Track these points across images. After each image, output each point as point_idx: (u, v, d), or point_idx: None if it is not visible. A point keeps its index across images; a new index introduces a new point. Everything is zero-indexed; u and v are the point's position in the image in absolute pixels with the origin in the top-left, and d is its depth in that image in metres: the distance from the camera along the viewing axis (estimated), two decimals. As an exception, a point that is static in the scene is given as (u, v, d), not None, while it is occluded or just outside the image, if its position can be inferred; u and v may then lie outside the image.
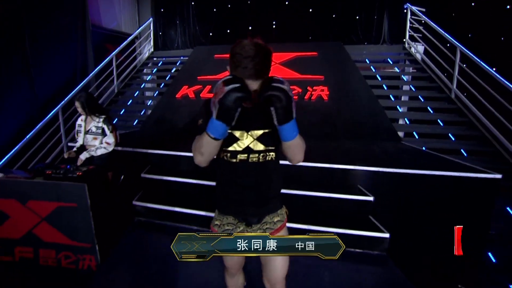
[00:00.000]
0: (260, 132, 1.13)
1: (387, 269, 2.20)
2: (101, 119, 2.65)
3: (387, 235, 2.25)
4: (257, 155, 1.15)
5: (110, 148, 2.67)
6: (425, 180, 2.47)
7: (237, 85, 0.88)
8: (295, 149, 1.05)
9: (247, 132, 1.13)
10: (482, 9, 5.80)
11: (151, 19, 7.36)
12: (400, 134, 4.35)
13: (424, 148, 3.87)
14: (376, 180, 2.59)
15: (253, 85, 0.97)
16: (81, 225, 2.15)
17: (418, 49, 5.73)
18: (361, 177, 2.67)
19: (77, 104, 2.63)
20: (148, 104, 6.22)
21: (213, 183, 1.30)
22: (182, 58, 7.01)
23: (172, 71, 6.66)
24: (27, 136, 4.32)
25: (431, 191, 2.51)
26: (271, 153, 1.17)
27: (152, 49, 7.45)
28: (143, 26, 7.11)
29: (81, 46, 5.79)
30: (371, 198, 2.45)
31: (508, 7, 5.58)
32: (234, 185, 1.21)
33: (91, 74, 5.58)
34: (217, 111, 0.91)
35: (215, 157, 1.15)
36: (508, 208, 3.32)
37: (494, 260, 2.98)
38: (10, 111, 4.46)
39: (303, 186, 2.67)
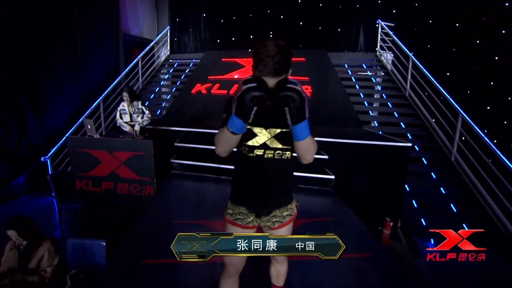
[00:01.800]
0: (278, 130, 1.18)
1: (333, 198, 3.57)
2: (139, 103, 4.04)
3: (332, 176, 3.64)
4: (272, 152, 1.19)
5: (149, 120, 4.08)
6: (360, 146, 3.85)
7: (254, 84, 0.93)
8: (306, 148, 1.08)
9: (266, 129, 1.17)
10: (438, 25, 7.16)
11: (168, 27, 8.74)
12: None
13: (380, 132, 5.23)
14: (330, 147, 3.95)
15: (272, 82, 1.01)
16: (146, 167, 3.52)
17: (387, 57, 7.10)
18: (322, 145, 4.03)
19: (125, 94, 4.00)
20: (168, 98, 7.56)
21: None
22: (194, 60, 8.38)
23: (186, 71, 8.01)
24: (79, 120, 5.62)
25: (366, 153, 3.88)
26: (287, 152, 1.21)
27: (168, 53, 8.83)
28: (162, 33, 8.48)
29: (115, 49, 7.14)
30: (326, 157, 3.83)
31: (457, 25, 6.96)
32: (248, 178, 1.28)
33: (123, 73, 6.90)
34: (235, 107, 0.96)
35: (235, 149, 1.20)
36: (432, 173, 4.70)
37: (416, 206, 4.38)
38: (67, 101, 5.80)
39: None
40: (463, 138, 4.64)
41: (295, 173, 3.69)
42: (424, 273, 3.24)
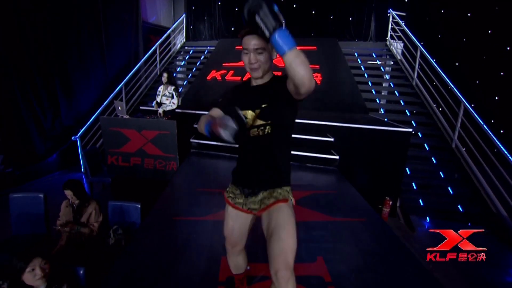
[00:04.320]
0: (259, 110, 1.23)
1: (337, 176, 3.94)
2: (172, 88, 4.44)
3: (337, 157, 4.01)
4: (256, 129, 1.24)
5: (174, 106, 4.47)
6: (364, 130, 4.17)
7: (234, 128, 1.01)
8: (295, 63, 0.94)
9: (253, 110, 1.24)
10: (449, 15, 7.22)
11: (184, 15, 9.04)
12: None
13: (386, 119, 5.50)
14: (336, 130, 4.29)
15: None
16: (170, 144, 3.96)
17: (397, 47, 7.24)
18: (329, 128, 4.37)
19: (165, 74, 4.40)
20: (184, 84, 7.95)
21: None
22: (209, 48, 8.70)
23: (201, 58, 8.36)
24: (104, 103, 6.04)
25: (369, 137, 4.20)
26: (267, 127, 1.23)
27: (184, 40, 9.17)
28: (178, 21, 8.80)
29: (135, 37, 7.54)
30: (332, 139, 4.18)
31: (469, 14, 7.01)
32: (240, 158, 1.38)
33: (142, 59, 7.31)
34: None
35: None
36: (433, 158, 4.99)
37: (415, 187, 4.71)
38: (93, 85, 6.29)
39: (296, 132, 4.42)
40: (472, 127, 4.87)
41: (303, 153, 4.09)
42: (416, 242, 3.63)
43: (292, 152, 4.30)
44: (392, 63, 7.18)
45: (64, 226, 2.62)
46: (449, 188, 4.56)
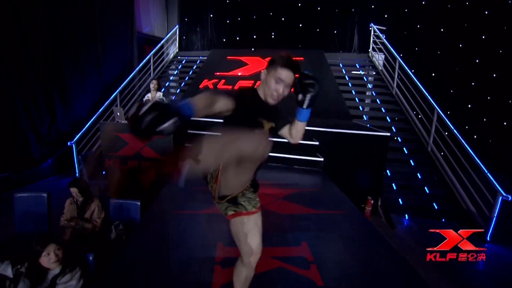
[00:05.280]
0: (271, 124, 1.38)
1: (321, 176, 4.26)
2: (161, 94, 4.72)
3: (321, 159, 4.34)
4: None
5: None
6: (346, 135, 4.54)
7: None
8: (301, 130, 1.36)
9: (268, 121, 1.37)
10: (426, 29, 7.82)
11: (177, 26, 9.39)
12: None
13: (368, 125, 5.90)
14: (322, 135, 4.64)
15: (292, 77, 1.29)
16: (166, 148, 4.20)
17: (378, 58, 7.76)
18: (315, 133, 4.71)
19: (154, 81, 4.68)
20: (177, 92, 8.21)
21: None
22: (201, 58, 9.03)
23: (194, 68, 8.68)
24: (100, 110, 6.25)
25: (351, 141, 4.56)
26: None
27: (177, 50, 9.48)
28: (171, 31, 9.13)
29: (130, 47, 7.80)
30: (317, 143, 4.52)
31: (442, 30, 7.61)
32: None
33: (137, 68, 7.55)
34: None
35: None
36: (411, 160, 5.38)
37: (395, 188, 5.07)
38: (88, 93, 6.48)
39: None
40: (446, 132, 5.31)
41: (291, 156, 4.40)
42: (396, 237, 3.96)
43: (280, 155, 4.69)
44: (374, 73, 7.67)
45: (69, 221, 2.83)
46: (425, 188, 4.95)
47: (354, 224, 2.73)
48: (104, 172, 4.53)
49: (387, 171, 5.19)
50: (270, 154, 1.28)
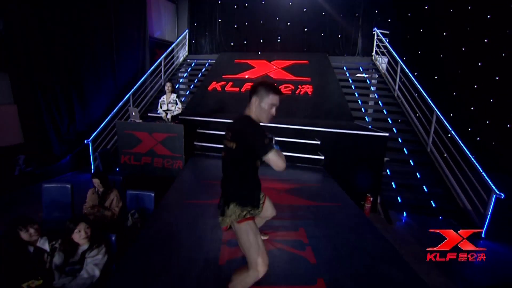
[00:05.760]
0: None
1: (322, 173, 4.51)
2: (175, 95, 5.03)
3: (322, 157, 4.59)
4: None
5: (180, 111, 5.05)
6: (347, 135, 4.77)
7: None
8: (270, 162, 1.54)
9: None
10: (428, 33, 7.99)
11: (187, 30, 9.78)
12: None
13: (370, 126, 6.12)
14: (323, 134, 4.89)
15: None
16: (177, 146, 4.52)
17: (381, 61, 7.96)
18: (317, 133, 4.97)
19: (168, 84, 4.98)
20: (187, 93, 8.57)
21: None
22: (209, 61, 9.39)
23: (203, 70, 9.02)
24: (114, 110, 6.61)
25: (352, 140, 4.79)
26: None
27: (186, 53, 9.87)
28: (181, 36, 9.52)
29: (142, 51, 8.20)
30: (318, 142, 4.77)
31: (445, 34, 7.76)
32: (257, 183, 1.80)
33: (148, 71, 7.93)
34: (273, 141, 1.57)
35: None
36: (411, 161, 5.58)
37: (394, 186, 5.27)
38: (103, 95, 6.87)
39: (288, 136, 5.01)
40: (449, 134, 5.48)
41: (294, 154, 4.67)
42: (393, 233, 4.17)
43: (284, 153, 4.90)
44: (377, 76, 7.87)
45: (92, 208, 3.16)
46: (424, 187, 5.13)
47: (348, 214, 2.98)
48: (118, 169, 4.86)
49: (387, 170, 5.40)
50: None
